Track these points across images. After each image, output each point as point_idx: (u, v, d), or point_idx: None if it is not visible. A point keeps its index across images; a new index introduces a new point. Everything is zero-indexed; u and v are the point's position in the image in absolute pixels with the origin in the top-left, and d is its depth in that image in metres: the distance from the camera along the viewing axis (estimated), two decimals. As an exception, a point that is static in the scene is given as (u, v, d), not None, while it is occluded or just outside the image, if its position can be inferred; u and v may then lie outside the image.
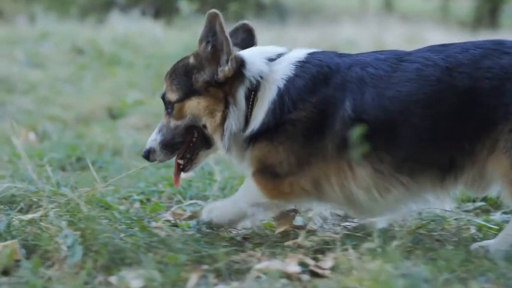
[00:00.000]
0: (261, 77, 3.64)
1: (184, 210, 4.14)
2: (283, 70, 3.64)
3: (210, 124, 3.66)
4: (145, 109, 8.41)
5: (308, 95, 3.53)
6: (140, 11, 13.79)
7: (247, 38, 3.97)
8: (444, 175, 3.45)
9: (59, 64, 10.23)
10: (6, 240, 3.28)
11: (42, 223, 3.42)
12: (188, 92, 3.68)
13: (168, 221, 3.96)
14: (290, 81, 3.59)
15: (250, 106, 3.64)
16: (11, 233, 3.35)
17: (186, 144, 3.74)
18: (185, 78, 3.71)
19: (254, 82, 3.63)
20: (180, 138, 3.73)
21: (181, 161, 3.76)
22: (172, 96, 3.72)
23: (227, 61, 3.60)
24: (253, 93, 3.64)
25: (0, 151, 6.11)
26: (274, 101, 3.57)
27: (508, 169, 3.30)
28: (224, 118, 3.63)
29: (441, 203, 3.64)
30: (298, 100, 3.53)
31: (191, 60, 3.72)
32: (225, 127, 3.62)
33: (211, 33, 3.59)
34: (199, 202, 4.29)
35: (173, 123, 3.74)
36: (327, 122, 3.48)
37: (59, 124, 7.67)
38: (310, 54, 3.71)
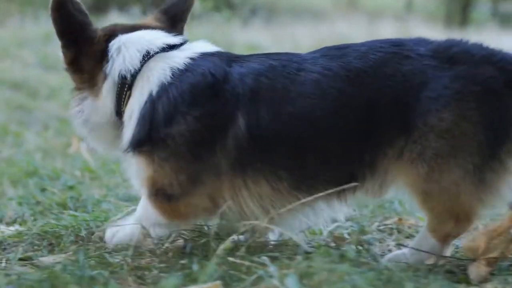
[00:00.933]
0: (132, 75, 3.28)
1: (342, 234, 3.70)
2: (158, 73, 3.26)
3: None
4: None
5: (188, 107, 3.17)
6: (140, 10, 13.20)
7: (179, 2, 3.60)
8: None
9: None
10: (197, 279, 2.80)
11: (230, 258, 2.95)
12: None
13: (328, 246, 3.50)
14: (163, 89, 3.22)
15: (123, 102, 3.32)
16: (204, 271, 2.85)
17: None
18: None
19: (119, 80, 3.29)
20: None
21: None
22: None
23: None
24: (126, 86, 3.29)
25: (60, 163, 5.56)
26: (145, 108, 3.22)
27: (415, 179, 3.09)
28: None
29: (335, 212, 3.35)
30: (175, 112, 3.16)
31: None
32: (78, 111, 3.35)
33: None
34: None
35: None
36: (216, 138, 3.15)
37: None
38: (195, 58, 3.32)
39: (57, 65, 9.59)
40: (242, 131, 3.14)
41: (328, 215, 3.35)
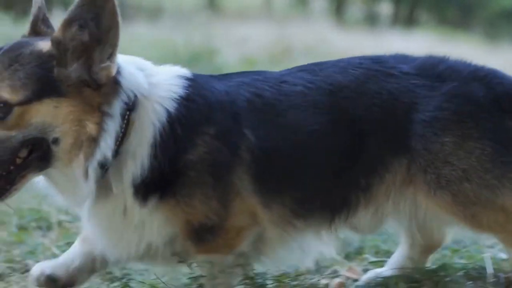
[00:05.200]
0: (138, 91, 2.89)
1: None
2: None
3: (72, 137, 2.74)
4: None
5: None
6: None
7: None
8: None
9: None
10: None
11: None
12: (42, 91, 2.73)
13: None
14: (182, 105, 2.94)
15: (123, 131, 2.84)
16: None
17: (8, 163, 2.74)
18: (37, 70, 2.75)
19: (131, 97, 2.86)
20: (8, 155, 2.73)
21: None
22: (12, 95, 2.71)
23: (110, 57, 2.76)
24: (128, 112, 2.85)
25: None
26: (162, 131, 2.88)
27: (449, 207, 3.03)
28: (99, 133, 2.75)
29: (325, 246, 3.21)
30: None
31: (46, 47, 2.78)
32: (99, 145, 2.75)
33: (92, 15, 2.72)
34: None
35: (1, 133, 2.72)
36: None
37: None
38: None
39: None
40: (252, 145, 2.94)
41: (317, 248, 3.17)
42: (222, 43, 13.32)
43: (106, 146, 2.77)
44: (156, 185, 2.86)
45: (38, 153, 2.76)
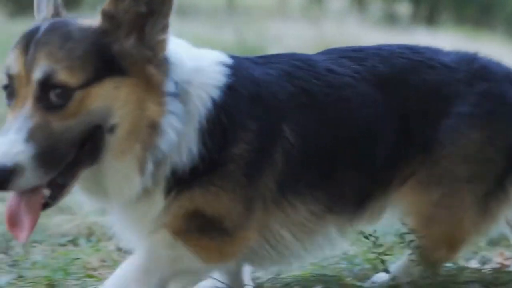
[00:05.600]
0: (184, 70, 2.70)
1: None
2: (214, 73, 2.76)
3: (131, 123, 2.49)
4: None
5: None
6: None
7: None
8: None
9: None
10: None
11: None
12: (102, 70, 2.48)
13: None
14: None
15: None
16: None
17: (66, 160, 2.43)
18: (94, 48, 2.49)
19: (179, 76, 2.66)
20: (69, 150, 2.43)
21: (46, 191, 2.43)
22: (72, 78, 2.42)
23: (163, 29, 2.57)
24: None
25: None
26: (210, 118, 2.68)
27: (423, 203, 2.97)
28: (162, 116, 2.54)
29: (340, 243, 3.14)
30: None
31: (98, 22, 2.57)
32: (164, 132, 2.53)
33: None
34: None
35: (59, 124, 2.40)
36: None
37: None
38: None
39: None
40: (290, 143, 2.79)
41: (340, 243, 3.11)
42: (260, 40, 13.23)
43: (172, 131, 2.55)
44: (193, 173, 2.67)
45: (91, 145, 2.48)
